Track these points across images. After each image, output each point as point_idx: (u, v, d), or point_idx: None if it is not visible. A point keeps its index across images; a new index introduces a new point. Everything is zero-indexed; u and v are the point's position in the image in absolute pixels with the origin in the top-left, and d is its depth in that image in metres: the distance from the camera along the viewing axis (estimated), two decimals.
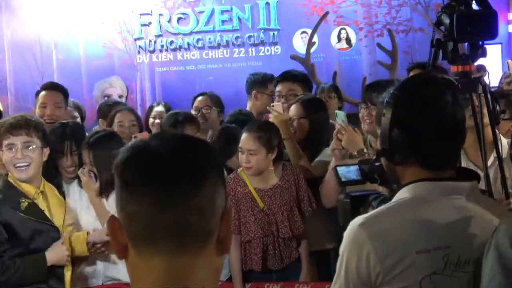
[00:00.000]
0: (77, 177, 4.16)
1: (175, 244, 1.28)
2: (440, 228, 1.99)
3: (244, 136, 4.09)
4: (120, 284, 3.99)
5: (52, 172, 4.13)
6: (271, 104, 4.64)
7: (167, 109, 5.72)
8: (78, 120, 5.43)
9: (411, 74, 4.41)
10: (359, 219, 2.04)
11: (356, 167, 2.72)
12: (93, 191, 4.02)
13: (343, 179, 2.74)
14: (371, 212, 2.10)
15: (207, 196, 1.30)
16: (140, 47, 7.44)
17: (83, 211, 4.11)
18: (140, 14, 7.43)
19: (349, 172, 2.75)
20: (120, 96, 7.28)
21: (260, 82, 5.48)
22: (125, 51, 7.49)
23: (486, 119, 3.09)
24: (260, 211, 4.02)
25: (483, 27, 2.84)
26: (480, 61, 3.08)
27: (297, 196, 4.15)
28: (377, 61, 6.96)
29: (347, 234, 2.04)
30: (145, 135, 4.60)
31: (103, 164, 3.96)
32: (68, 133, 4.19)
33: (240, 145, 4.09)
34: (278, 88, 4.88)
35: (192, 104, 5.28)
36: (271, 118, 4.51)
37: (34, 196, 3.79)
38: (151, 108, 6.07)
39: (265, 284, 4.08)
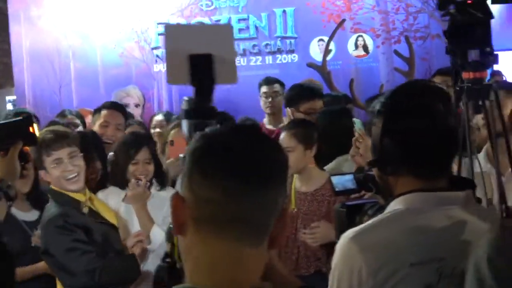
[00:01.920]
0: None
1: (239, 233, 1.37)
2: (434, 240, 1.95)
3: (282, 135, 4.10)
4: None
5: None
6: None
7: (167, 118, 5.71)
8: (80, 128, 5.42)
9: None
10: (350, 233, 1.99)
11: (351, 176, 2.73)
12: (142, 203, 4.07)
13: (337, 189, 2.76)
14: (362, 225, 2.06)
15: (272, 196, 1.40)
16: (157, 56, 7.46)
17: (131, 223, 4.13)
18: (157, 23, 7.45)
19: (345, 181, 2.75)
20: (137, 105, 7.37)
21: None
22: (143, 60, 7.53)
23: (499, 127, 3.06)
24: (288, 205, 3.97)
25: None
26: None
27: (327, 216, 4.01)
28: (394, 68, 6.87)
29: (338, 248, 2.00)
30: (182, 140, 4.59)
31: None
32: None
33: None
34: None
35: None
36: None
37: (86, 203, 3.79)
38: (151, 118, 6.09)
39: None
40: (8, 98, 8.29)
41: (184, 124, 2.12)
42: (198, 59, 2.07)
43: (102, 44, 7.57)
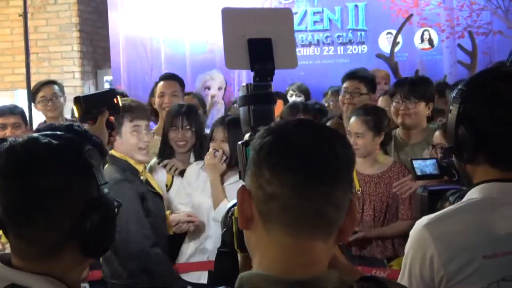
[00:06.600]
0: (196, 156, 4.34)
1: (308, 229, 1.34)
2: (509, 232, 1.85)
3: (352, 119, 4.13)
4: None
5: (166, 150, 4.31)
6: None
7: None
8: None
9: None
10: (424, 220, 1.92)
11: (434, 161, 2.69)
12: (217, 173, 4.03)
13: (419, 173, 2.73)
14: (437, 213, 1.96)
15: (343, 190, 1.36)
16: None
17: (198, 191, 4.18)
18: None
19: (426, 166, 2.70)
20: (220, 88, 7.80)
21: None
22: None
23: None
24: (355, 193, 3.99)
25: None
26: None
27: (394, 197, 4.08)
28: (457, 61, 7.16)
29: (412, 234, 1.94)
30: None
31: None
32: (183, 110, 4.33)
33: (348, 128, 4.14)
34: (345, 85, 5.12)
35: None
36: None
37: (142, 173, 3.91)
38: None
39: None
40: (105, 78, 8.91)
41: (242, 111, 1.94)
42: (257, 43, 1.95)
43: (190, 33, 8.13)
